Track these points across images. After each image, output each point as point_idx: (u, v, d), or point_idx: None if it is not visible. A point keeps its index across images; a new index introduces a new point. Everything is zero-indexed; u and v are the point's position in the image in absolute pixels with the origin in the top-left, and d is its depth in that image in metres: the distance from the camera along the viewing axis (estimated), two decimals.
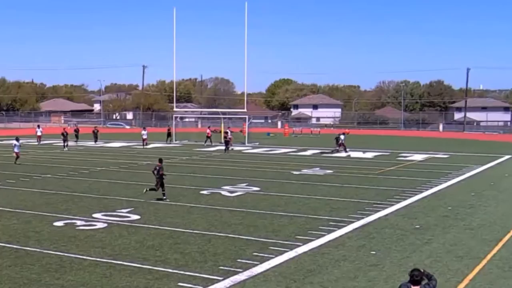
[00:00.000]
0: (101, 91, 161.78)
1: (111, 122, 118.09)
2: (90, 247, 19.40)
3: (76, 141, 66.65)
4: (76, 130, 69.57)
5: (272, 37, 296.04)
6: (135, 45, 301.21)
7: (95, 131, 68.24)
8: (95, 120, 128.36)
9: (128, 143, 69.11)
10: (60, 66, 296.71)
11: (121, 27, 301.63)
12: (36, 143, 65.41)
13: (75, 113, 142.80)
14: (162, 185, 28.33)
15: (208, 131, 69.00)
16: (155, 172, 28.37)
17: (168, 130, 73.25)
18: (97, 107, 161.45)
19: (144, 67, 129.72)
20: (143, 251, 19.01)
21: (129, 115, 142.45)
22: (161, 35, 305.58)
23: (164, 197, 28.28)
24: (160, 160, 29.57)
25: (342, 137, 59.01)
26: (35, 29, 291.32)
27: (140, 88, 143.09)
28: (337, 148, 58.02)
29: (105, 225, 22.88)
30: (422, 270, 10.96)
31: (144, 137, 63.88)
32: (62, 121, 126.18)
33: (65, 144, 58.80)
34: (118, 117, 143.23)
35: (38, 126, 70.48)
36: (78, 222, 23.24)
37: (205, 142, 66.96)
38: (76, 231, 21.77)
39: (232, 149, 59.09)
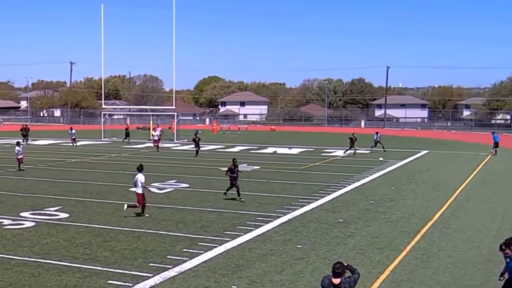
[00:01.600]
0: (28, 88, 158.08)
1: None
2: (17, 247, 19.01)
3: (25, 140, 62.58)
4: (25, 129, 65.27)
5: (200, 35, 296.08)
6: (63, 41, 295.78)
7: (26, 129, 64.88)
8: (22, 117, 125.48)
9: (56, 141, 67.84)
10: None
11: (48, 23, 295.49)
12: None
13: (1, 110, 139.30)
14: (232, 185, 27.81)
15: (158, 130, 67.65)
16: (235, 172, 27.73)
17: (126, 129, 69.74)
18: (24, 104, 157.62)
19: (71, 63, 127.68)
20: (72, 249, 18.73)
21: (57, 112, 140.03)
22: (89, 31, 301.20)
23: (225, 195, 27.96)
24: (234, 160, 28.53)
25: (375, 136, 58.02)
26: None
27: (68, 85, 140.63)
28: (354, 148, 53.60)
29: (33, 223, 22.42)
30: (345, 264, 11.09)
31: (73, 136, 60.99)
32: None
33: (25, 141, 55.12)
34: (45, 114, 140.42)
35: None
36: (5, 221, 22.70)
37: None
38: (3, 231, 21.25)
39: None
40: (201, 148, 53.09)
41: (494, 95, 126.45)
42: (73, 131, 61.40)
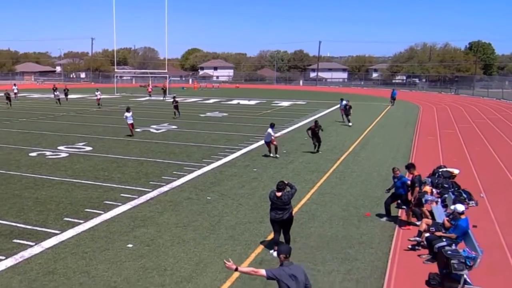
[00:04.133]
0: (61, 57, 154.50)
1: None
2: (56, 170, 19.00)
3: (66, 99, 54.76)
4: (66, 89, 57.50)
5: (187, 17, 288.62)
6: (86, 21, 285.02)
7: (66, 89, 57.86)
8: (57, 78, 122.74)
9: (83, 95, 66.50)
10: (31, 38, 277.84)
11: (75, 7, 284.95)
12: (13, 97, 58.85)
13: (42, 73, 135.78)
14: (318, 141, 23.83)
15: (149, 88, 66.15)
16: (316, 129, 23.66)
17: (163, 87, 64.63)
18: (58, 69, 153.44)
19: (92, 39, 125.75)
20: (95, 172, 18.78)
21: (82, 75, 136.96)
22: (105, 14, 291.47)
23: (317, 150, 23.74)
24: (316, 122, 24.29)
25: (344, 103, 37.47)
26: (10, 8, 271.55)
27: (90, 54, 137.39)
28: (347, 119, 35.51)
29: (67, 154, 22.35)
30: (286, 182, 11.38)
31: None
32: (33, 79, 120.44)
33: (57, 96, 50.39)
34: (74, 76, 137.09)
35: (14, 85, 63.09)
36: (47, 153, 22.61)
37: (149, 96, 63.43)
38: (46, 159, 21.20)
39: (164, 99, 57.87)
40: (186, 100, 52.61)
41: (394, 62, 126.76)
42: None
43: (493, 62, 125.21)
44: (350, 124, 34.40)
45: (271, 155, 22.26)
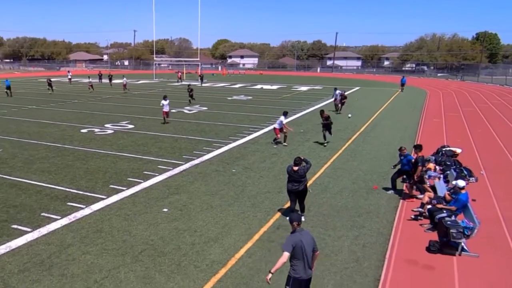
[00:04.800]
0: (108, 47, 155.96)
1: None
2: (103, 145, 19.34)
3: (110, 84, 55.03)
4: (110, 75, 57.79)
5: (218, 10, 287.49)
6: (129, 15, 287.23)
7: (110, 76, 58.53)
8: (104, 65, 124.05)
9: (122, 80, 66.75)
10: (82, 30, 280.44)
11: (120, 5, 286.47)
12: (67, 82, 59.53)
13: (92, 61, 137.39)
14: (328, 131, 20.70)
15: (179, 74, 66.66)
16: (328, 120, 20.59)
17: (200, 74, 62.26)
18: (105, 57, 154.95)
19: (134, 31, 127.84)
20: (136, 147, 19.06)
21: (126, 62, 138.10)
22: (146, 9, 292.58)
23: (325, 143, 20.45)
24: (321, 112, 21.18)
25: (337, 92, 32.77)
26: (64, 4, 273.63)
27: (132, 45, 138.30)
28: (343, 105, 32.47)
29: (113, 131, 22.70)
30: (302, 157, 11.41)
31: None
32: (84, 66, 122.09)
33: (100, 81, 50.21)
34: (118, 64, 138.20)
35: (68, 72, 64.00)
36: (96, 130, 23.00)
37: (178, 81, 63.73)
38: (95, 135, 21.58)
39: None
40: (216, 85, 52.39)
41: (405, 51, 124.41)
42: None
43: (499, 51, 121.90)
44: (350, 115, 29.20)
45: (284, 143, 20.11)
